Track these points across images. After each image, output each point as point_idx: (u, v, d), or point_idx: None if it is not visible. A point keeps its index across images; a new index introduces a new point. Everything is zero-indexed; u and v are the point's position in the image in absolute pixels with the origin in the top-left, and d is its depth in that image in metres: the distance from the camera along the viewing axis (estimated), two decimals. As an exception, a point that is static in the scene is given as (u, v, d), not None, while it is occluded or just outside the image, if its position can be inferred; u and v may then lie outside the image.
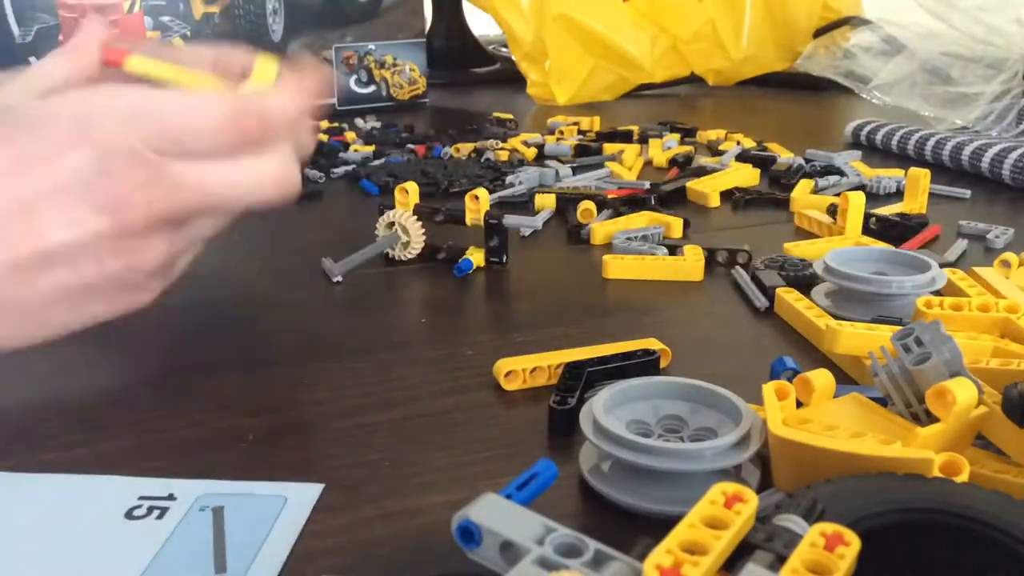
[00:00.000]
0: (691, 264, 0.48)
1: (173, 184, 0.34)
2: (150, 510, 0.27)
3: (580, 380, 0.34)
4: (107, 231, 0.33)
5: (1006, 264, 0.46)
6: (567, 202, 0.61)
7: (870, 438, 0.27)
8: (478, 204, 0.52)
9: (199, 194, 0.35)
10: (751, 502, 0.21)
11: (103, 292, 0.35)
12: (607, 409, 0.29)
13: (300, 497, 0.28)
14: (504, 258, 0.50)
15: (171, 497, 0.28)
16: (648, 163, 0.77)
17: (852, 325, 0.36)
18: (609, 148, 0.79)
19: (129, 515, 0.27)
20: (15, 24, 0.83)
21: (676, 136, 0.83)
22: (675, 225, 0.55)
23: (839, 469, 0.26)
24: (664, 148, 0.79)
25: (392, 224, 0.50)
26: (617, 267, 0.48)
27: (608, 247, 0.53)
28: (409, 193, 0.52)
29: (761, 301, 0.44)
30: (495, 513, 0.21)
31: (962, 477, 0.25)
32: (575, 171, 0.71)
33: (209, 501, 0.28)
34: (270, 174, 0.37)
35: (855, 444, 0.27)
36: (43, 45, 0.84)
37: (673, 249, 0.51)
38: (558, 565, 0.20)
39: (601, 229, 0.54)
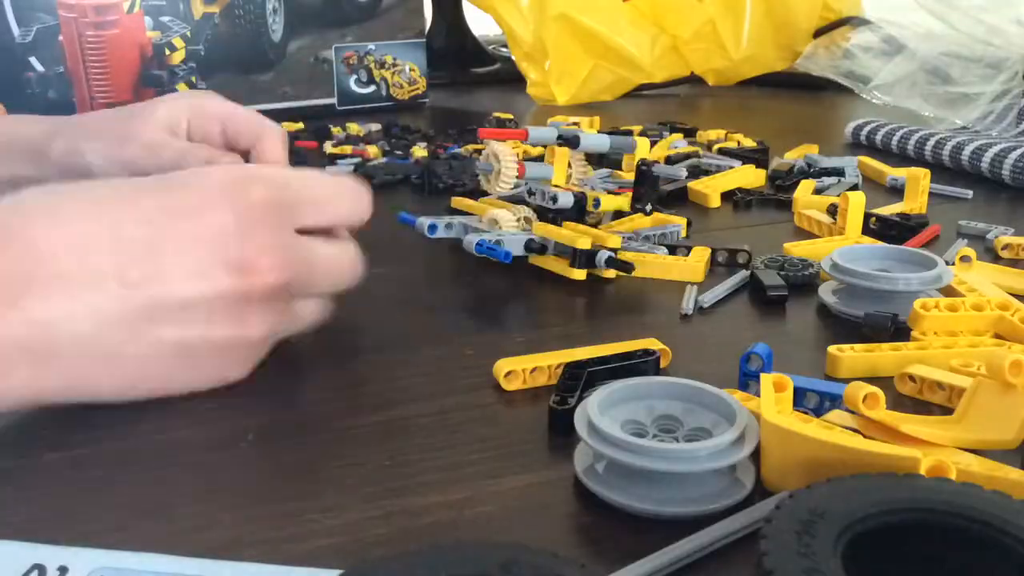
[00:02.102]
0: (692, 264, 0.48)
1: (295, 253, 0.34)
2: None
3: (580, 380, 0.34)
4: (229, 291, 0.32)
5: (966, 260, 0.46)
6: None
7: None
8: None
9: (311, 268, 0.36)
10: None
11: (201, 359, 0.33)
12: (602, 409, 0.29)
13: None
14: (649, 207, 0.52)
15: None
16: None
17: (852, 348, 0.37)
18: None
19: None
20: (15, 24, 0.83)
21: (678, 136, 0.83)
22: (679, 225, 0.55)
23: (828, 464, 0.26)
24: (670, 148, 0.79)
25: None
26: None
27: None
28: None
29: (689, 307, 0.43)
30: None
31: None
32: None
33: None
34: (351, 258, 0.39)
35: (844, 437, 0.27)
36: (43, 45, 0.84)
37: (674, 249, 0.50)
38: None
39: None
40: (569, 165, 0.54)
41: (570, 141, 0.52)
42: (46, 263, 0.30)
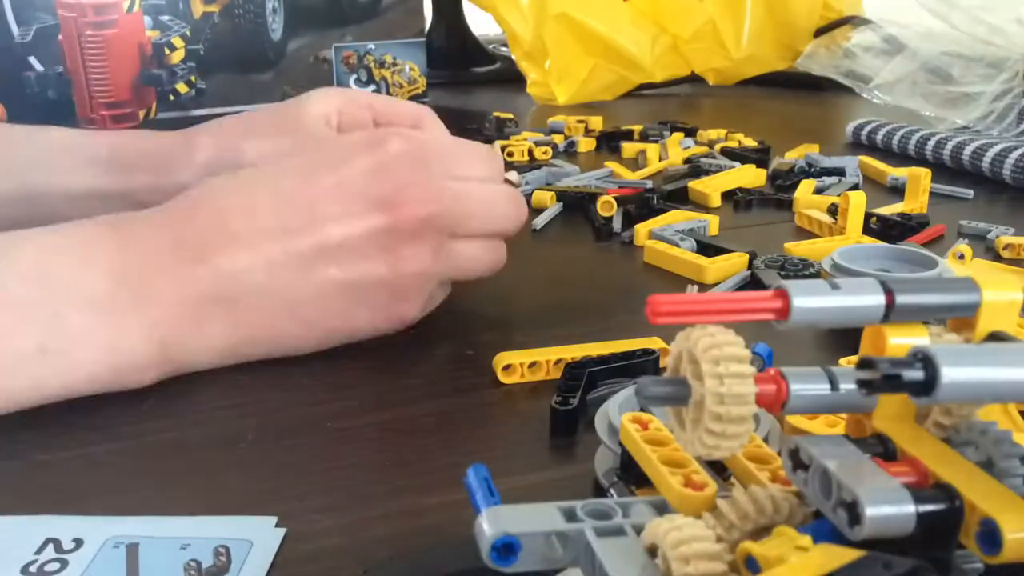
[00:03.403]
0: (718, 266, 0.48)
1: (440, 188, 0.37)
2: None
3: (581, 380, 0.34)
4: (379, 227, 0.36)
5: (960, 256, 0.46)
6: (581, 199, 0.61)
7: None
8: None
9: (461, 203, 0.38)
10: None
11: (368, 296, 0.37)
12: (622, 412, 0.29)
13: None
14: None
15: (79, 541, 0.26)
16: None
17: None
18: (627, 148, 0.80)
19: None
20: (14, 24, 0.83)
21: (680, 135, 0.83)
22: (713, 223, 0.56)
23: None
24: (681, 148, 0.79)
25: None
26: (653, 254, 0.50)
27: (630, 247, 0.54)
28: None
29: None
30: (512, 520, 0.20)
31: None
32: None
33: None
34: (507, 197, 0.40)
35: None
36: (42, 45, 0.84)
37: (706, 248, 0.50)
38: (613, 529, 0.20)
39: (643, 229, 0.54)
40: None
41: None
42: (225, 225, 0.35)
